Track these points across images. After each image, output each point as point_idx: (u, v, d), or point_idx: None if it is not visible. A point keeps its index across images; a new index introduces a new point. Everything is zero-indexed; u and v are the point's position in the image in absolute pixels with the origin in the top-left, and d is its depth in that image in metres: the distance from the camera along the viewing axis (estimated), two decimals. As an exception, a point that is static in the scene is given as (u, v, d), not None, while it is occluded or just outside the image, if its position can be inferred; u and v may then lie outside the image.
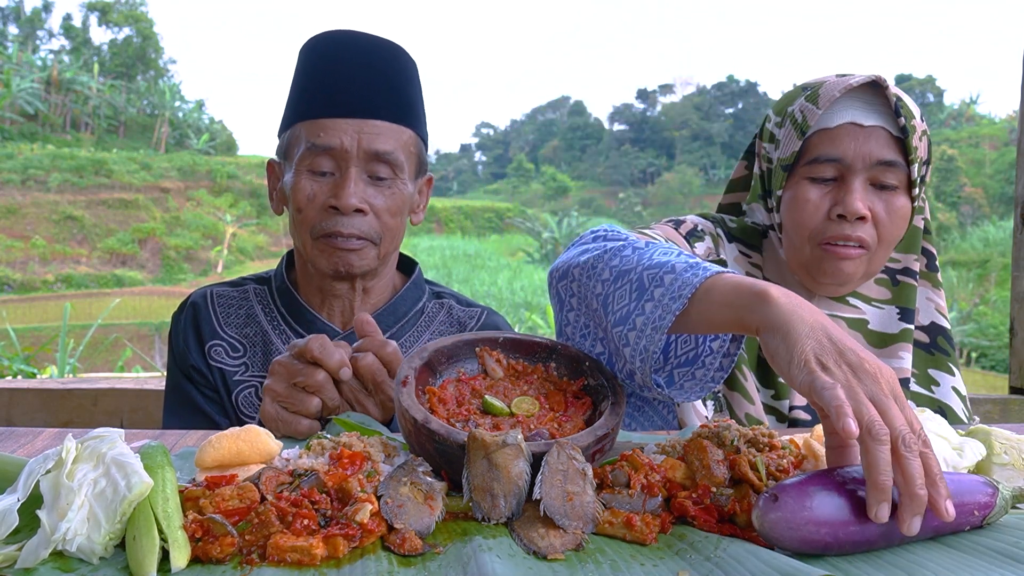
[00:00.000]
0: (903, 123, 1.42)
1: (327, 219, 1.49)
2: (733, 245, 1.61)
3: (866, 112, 1.45)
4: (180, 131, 69.80)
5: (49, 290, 37.45)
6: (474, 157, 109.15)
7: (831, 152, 1.45)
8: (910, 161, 1.43)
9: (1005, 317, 13.45)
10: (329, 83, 1.50)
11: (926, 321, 1.58)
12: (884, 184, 1.45)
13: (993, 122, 74.84)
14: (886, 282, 1.57)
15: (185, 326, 1.63)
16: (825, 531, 0.75)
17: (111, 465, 0.77)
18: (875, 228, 1.46)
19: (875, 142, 1.43)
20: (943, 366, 1.56)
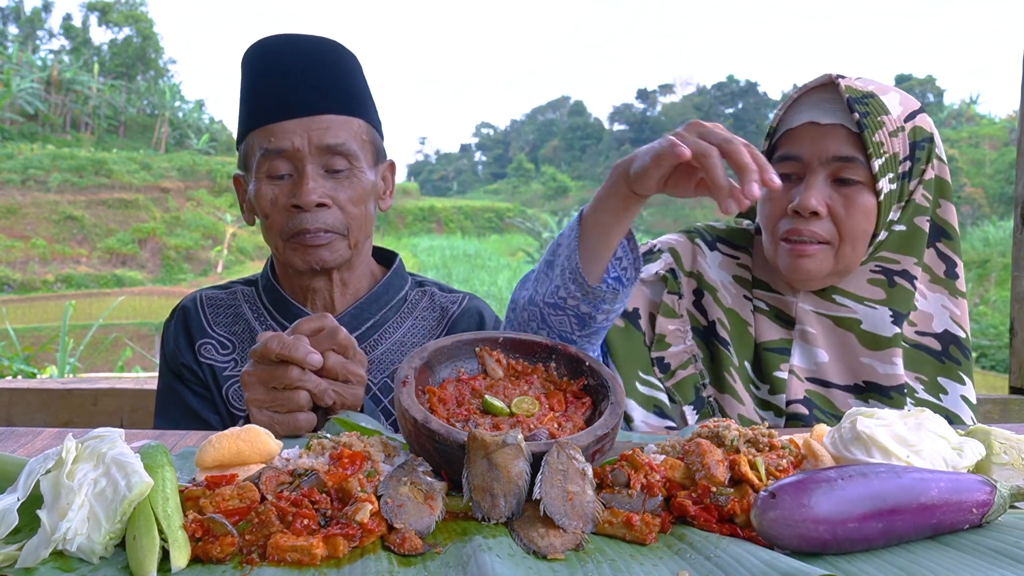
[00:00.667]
0: (858, 119, 1.44)
1: (292, 219, 1.51)
2: (715, 252, 1.63)
3: (825, 111, 1.48)
4: (180, 131, 69.80)
5: (49, 290, 37.45)
6: (474, 157, 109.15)
7: (791, 151, 1.50)
8: (869, 156, 1.44)
9: (1005, 317, 13.46)
10: (272, 88, 1.53)
11: (939, 328, 1.55)
12: (844, 179, 1.47)
13: (993, 122, 74.84)
14: (882, 283, 1.54)
15: (175, 329, 1.67)
16: (823, 529, 0.75)
17: (111, 465, 0.77)
18: (834, 224, 1.48)
19: (832, 139, 1.47)
20: (953, 374, 1.54)
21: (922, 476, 0.81)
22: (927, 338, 1.55)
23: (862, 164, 1.45)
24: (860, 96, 1.47)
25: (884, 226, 1.51)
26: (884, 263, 1.54)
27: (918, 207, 1.54)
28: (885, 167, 1.46)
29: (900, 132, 1.48)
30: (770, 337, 1.57)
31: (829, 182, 1.47)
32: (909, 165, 1.50)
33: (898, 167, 1.48)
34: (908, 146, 1.49)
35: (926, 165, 1.53)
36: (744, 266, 1.63)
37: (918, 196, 1.53)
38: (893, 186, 1.48)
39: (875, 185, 1.45)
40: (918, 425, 0.96)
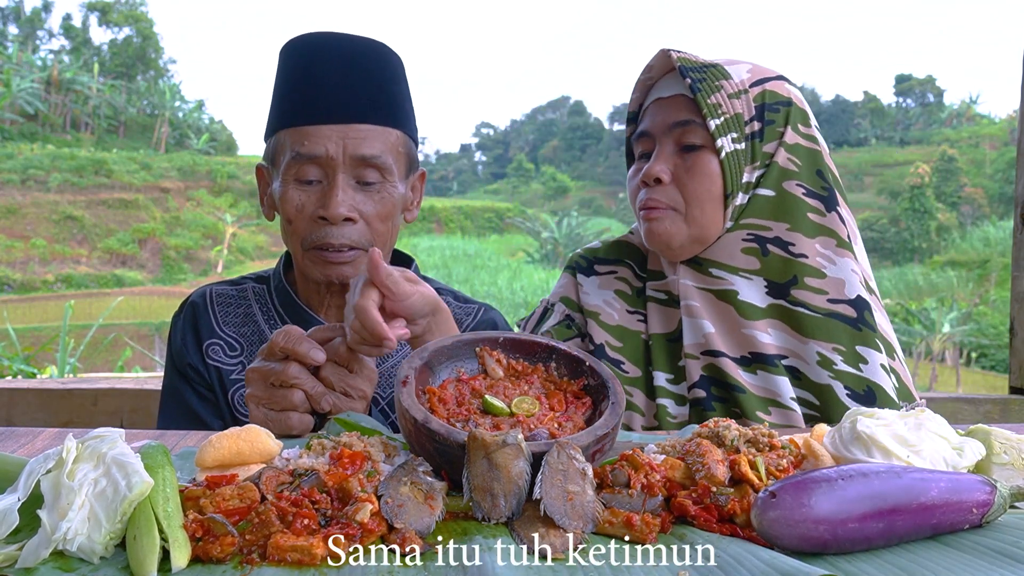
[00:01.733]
0: (690, 83, 1.47)
1: (316, 230, 1.46)
2: (592, 277, 1.67)
3: (668, 86, 1.54)
4: (180, 131, 69.81)
5: (49, 290, 37.46)
6: (474, 157, 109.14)
7: (642, 127, 1.56)
8: (704, 116, 1.46)
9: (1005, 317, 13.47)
10: (310, 88, 1.47)
11: (852, 294, 1.48)
12: (688, 145, 1.50)
13: (993, 122, 74.84)
14: (756, 251, 1.50)
15: (184, 325, 1.63)
16: (824, 528, 0.75)
17: (112, 465, 0.77)
18: (679, 189, 1.50)
19: (673, 108, 1.51)
20: (870, 342, 1.47)
21: (922, 476, 0.81)
22: (840, 305, 1.48)
23: (700, 126, 1.48)
24: (696, 65, 1.51)
25: (739, 188, 1.49)
26: (755, 230, 1.51)
27: (785, 171, 1.50)
28: (724, 127, 1.47)
29: (743, 95, 1.50)
30: (661, 327, 1.58)
31: (676, 151, 1.51)
32: (759, 126, 1.49)
33: (744, 127, 1.49)
34: (755, 108, 1.50)
35: (784, 127, 1.51)
36: (623, 278, 1.66)
37: (781, 159, 1.50)
38: (739, 146, 1.48)
39: (715, 145, 1.47)
40: (918, 425, 0.96)
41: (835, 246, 1.50)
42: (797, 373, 1.48)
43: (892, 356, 1.51)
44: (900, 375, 1.51)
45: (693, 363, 1.51)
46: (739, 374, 1.47)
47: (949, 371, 27.21)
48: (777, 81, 1.53)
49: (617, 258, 1.68)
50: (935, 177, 53.72)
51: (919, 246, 47.13)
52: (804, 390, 1.48)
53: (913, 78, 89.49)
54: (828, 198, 1.51)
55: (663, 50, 1.54)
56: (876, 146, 77.98)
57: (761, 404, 1.46)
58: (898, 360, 1.52)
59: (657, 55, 1.55)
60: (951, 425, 0.99)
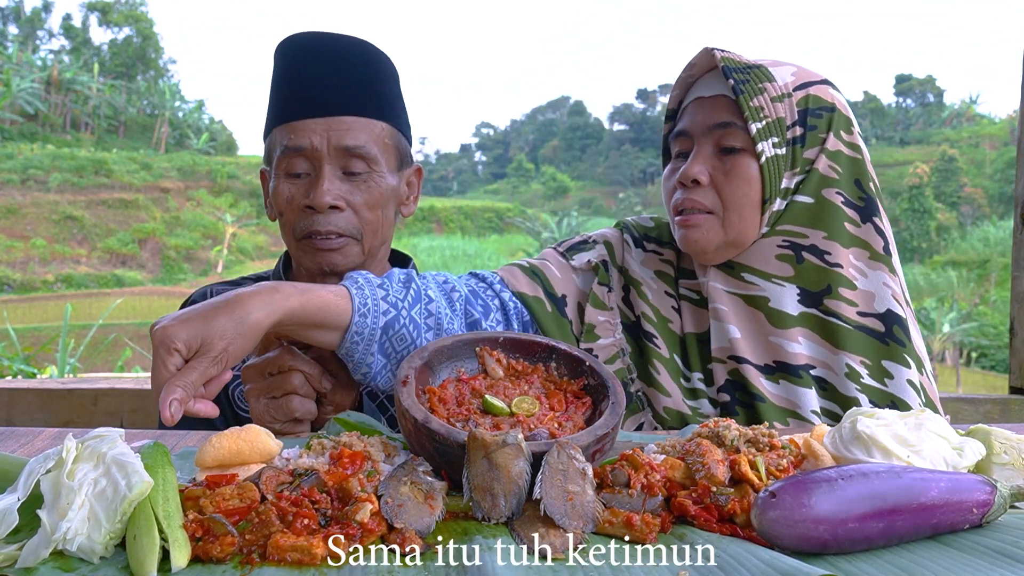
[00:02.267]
0: (732, 84, 1.44)
1: (305, 219, 1.50)
2: (640, 249, 1.63)
3: (710, 85, 1.50)
4: (180, 131, 69.83)
5: (49, 290, 37.47)
6: (474, 157, 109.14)
7: (681, 126, 1.53)
8: (746, 119, 1.44)
9: (1005, 317, 13.48)
10: (297, 85, 1.51)
11: (882, 309, 1.46)
12: (728, 148, 1.46)
13: (993, 122, 74.85)
14: (790, 258, 1.49)
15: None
16: (824, 528, 0.75)
17: (111, 465, 0.77)
18: (717, 192, 1.47)
19: (714, 109, 1.47)
20: (899, 357, 1.45)
21: (922, 476, 0.81)
22: (869, 319, 1.46)
23: (741, 129, 1.45)
24: (739, 66, 1.48)
25: (777, 193, 1.47)
26: (791, 237, 1.49)
27: (825, 178, 1.48)
28: (766, 131, 1.45)
29: (786, 98, 1.47)
30: (694, 327, 1.56)
31: (715, 152, 1.48)
32: (801, 131, 1.47)
33: (785, 132, 1.46)
34: (797, 112, 1.47)
35: (827, 133, 1.49)
36: (668, 261, 1.62)
37: (822, 166, 1.48)
38: (780, 151, 1.46)
39: (756, 149, 1.45)
40: (918, 425, 0.96)
41: (868, 258, 1.48)
42: (824, 384, 1.47)
43: (921, 371, 1.49)
44: (927, 390, 1.49)
45: (719, 367, 1.50)
46: (760, 382, 1.46)
47: (949, 371, 27.21)
48: (821, 85, 1.51)
49: (666, 241, 1.64)
50: (935, 177, 53.74)
51: (919, 246, 47.16)
52: (831, 401, 1.46)
53: (913, 78, 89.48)
54: (865, 208, 1.49)
55: (707, 48, 1.51)
56: (876, 146, 77.98)
57: (780, 415, 1.44)
58: (927, 375, 1.50)
59: (700, 53, 1.52)
60: (951, 425, 0.99)
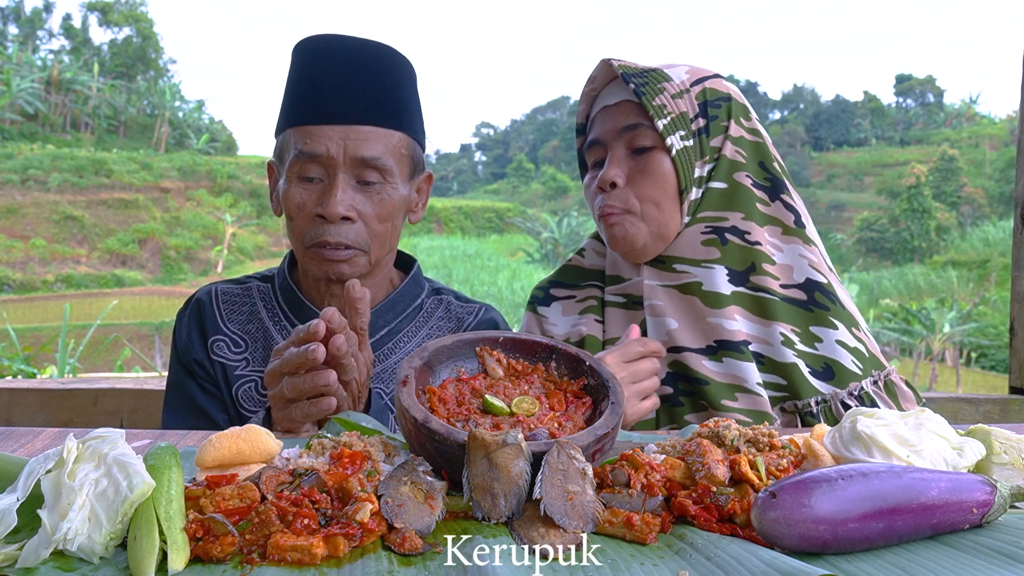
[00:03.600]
0: (634, 88, 1.52)
1: (315, 228, 1.49)
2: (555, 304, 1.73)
3: (612, 94, 1.59)
4: (180, 131, 69.82)
5: (49, 290, 37.46)
6: (474, 157, 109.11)
7: (592, 136, 1.61)
8: (652, 118, 1.52)
9: (1005, 317, 13.48)
10: (316, 89, 1.50)
11: (801, 278, 1.55)
12: (638, 148, 1.54)
13: (993, 122, 74.85)
14: (715, 241, 1.56)
15: (189, 321, 1.65)
16: (824, 528, 0.75)
17: (113, 465, 0.77)
18: (633, 190, 1.55)
19: (620, 114, 1.56)
20: (824, 321, 1.53)
21: (922, 476, 0.81)
22: (791, 290, 1.54)
23: (649, 128, 1.53)
24: (637, 71, 1.56)
25: (692, 183, 1.55)
26: (712, 222, 1.56)
27: (733, 163, 1.57)
28: (672, 126, 1.53)
29: (685, 94, 1.55)
30: (623, 331, 1.60)
31: (628, 154, 1.55)
32: (704, 122, 1.56)
33: (690, 124, 1.55)
34: (698, 105, 1.56)
35: (728, 121, 1.58)
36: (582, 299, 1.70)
37: (728, 152, 1.57)
38: (688, 143, 1.54)
39: (666, 145, 1.52)
40: (918, 425, 0.96)
41: (781, 233, 1.57)
42: (762, 358, 1.53)
43: (856, 328, 1.57)
44: (867, 345, 1.57)
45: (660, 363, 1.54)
46: (703, 365, 1.51)
47: (949, 371, 27.21)
48: (715, 79, 1.60)
49: (573, 282, 1.73)
50: (935, 177, 53.72)
51: (919, 246, 47.15)
52: (770, 373, 1.52)
53: (913, 78, 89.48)
54: (772, 188, 1.59)
55: (604, 60, 1.60)
56: (876, 146, 77.99)
57: (727, 391, 1.49)
58: (863, 331, 1.58)
59: (598, 66, 1.61)
60: (951, 425, 0.99)
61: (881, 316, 29.54)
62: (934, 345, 27.59)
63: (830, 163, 70.34)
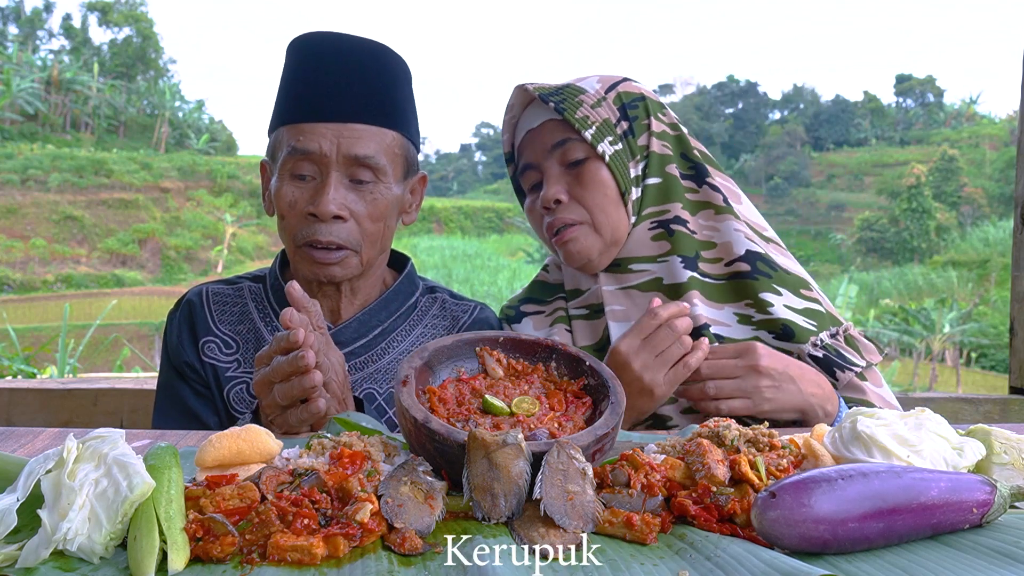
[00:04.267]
0: (553, 106, 1.56)
1: (307, 226, 1.48)
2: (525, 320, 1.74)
3: (533, 117, 1.62)
4: (180, 131, 69.82)
5: (49, 290, 37.46)
6: (474, 157, 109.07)
7: (524, 160, 1.64)
8: (578, 131, 1.55)
9: (1005, 317, 13.48)
10: (310, 87, 1.49)
11: (741, 251, 1.58)
12: (572, 161, 1.57)
13: (993, 122, 74.86)
14: (663, 235, 1.60)
15: (180, 323, 1.64)
16: (824, 528, 0.75)
17: (113, 465, 0.77)
18: (578, 202, 1.57)
19: (546, 134, 1.59)
20: (769, 288, 1.57)
21: (922, 476, 0.81)
22: (736, 263, 1.58)
23: (577, 140, 1.56)
24: (552, 90, 1.59)
25: (630, 183, 1.59)
26: (655, 217, 1.61)
27: (662, 157, 1.61)
28: (599, 133, 1.56)
29: (603, 101, 1.59)
30: (589, 339, 1.65)
31: (563, 171, 1.58)
32: (627, 124, 1.60)
33: (615, 129, 1.58)
34: (617, 109, 1.59)
35: (648, 119, 1.62)
36: (550, 313, 1.72)
37: (656, 147, 1.61)
38: (618, 147, 1.58)
39: (598, 153, 1.55)
40: (918, 425, 0.96)
41: (714, 215, 1.62)
42: (721, 339, 1.56)
43: (806, 289, 1.61)
44: (822, 303, 1.61)
45: None
46: None
47: (949, 371, 27.21)
48: (625, 82, 1.64)
49: (541, 297, 1.76)
50: (935, 177, 53.72)
51: (919, 246, 47.14)
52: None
53: (913, 78, 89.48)
54: (696, 175, 1.63)
55: (518, 87, 1.63)
56: (876, 146, 78.00)
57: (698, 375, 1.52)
58: (815, 291, 1.62)
59: (514, 93, 1.64)
60: (951, 425, 0.99)
61: (881, 316, 29.54)
62: (934, 345, 27.59)
63: (830, 163, 70.33)
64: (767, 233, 1.65)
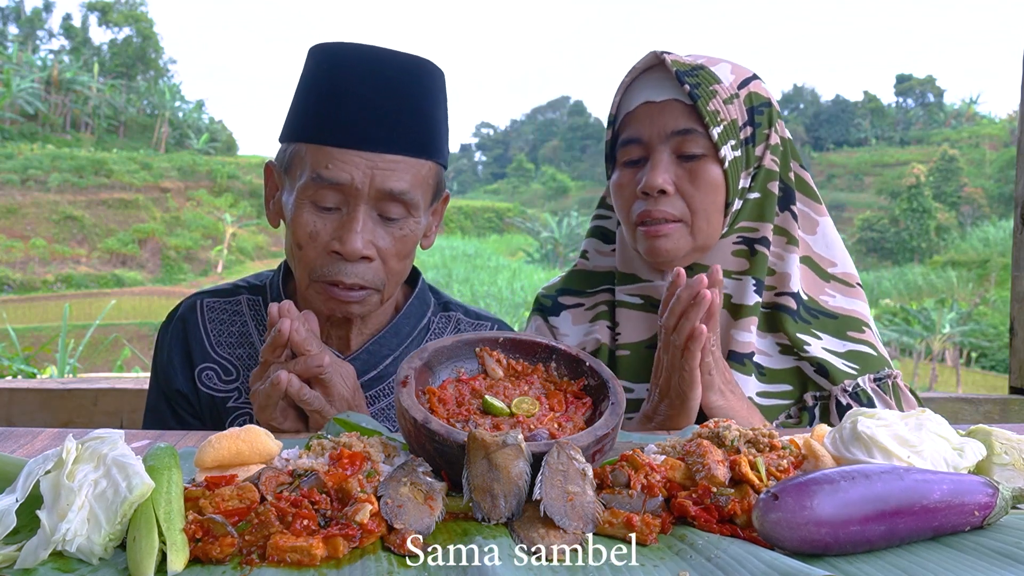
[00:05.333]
0: (688, 90, 1.44)
1: (329, 264, 1.36)
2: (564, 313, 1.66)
3: (658, 89, 1.48)
4: (180, 131, 69.80)
5: (49, 290, 37.45)
6: (474, 157, 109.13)
7: (631, 133, 1.49)
8: (707, 125, 1.44)
9: (1005, 317, 13.47)
10: (339, 106, 1.34)
11: (794, 288, 1.53)
12: (688, 154, 1.46)
13: (993, 122, 74.85)
14: (745, 252, 1.53)
15: (172, 342, 1.53)
16: (825, 531, 0.75)
17: (112, 466, 0.77)
18: (684, 200, 1.46)
19: (668, 114, 1.46)
20: (807, 331, 1.52)
21: (925, 478, 0.81)
22: (784, 297, 1.53)
23: (701, 135, 1.45)
24: (689, 69, 1.46)
25: (736, 195, 1.49)
26: (745, 233, 1.53)
27: (769, 172, 1.53)
28: (725, 134, 1.46)
29: (735, 99, 1.48)
30: (639, 335, 1.57)
31: (674, 159, 1.46)
32: (751, 130, 1.50)
33: (739, 133, 1.48)
34: (746, 111, 1.49)
35: (769, 129, 1.53)
36: (591, 306, 1.65)
37: (767, 162, 1.53)
38: (737, 153, 1.48)
39: (718, 154, 1.45)
40: (919, 425, 0.96)
41: (785, 243, 1.55)
42: (762, 369, 1.52)
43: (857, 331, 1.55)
44: (875, 346, 1.55)
45: None
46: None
47: (949, 371, 27.20)
48: (756, 81, 1.54)
49: (581, 288, 1.67)
50: (935, 177, 53.72)
51: (919, 246, 47.14)
52: (771, 383, 1.51)
53: (913, 78, 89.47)
54: (784, 198, 1.55)
55: (653, 52, 1.51)
56: (876, 146, 77.99)
57: None
58: (868, 333, 1.56)
59: (646, 56, 1.52)
60: (951, 425, 0.99)
61: (881, 316, 29.53)
62: (934, 345, 27.58)
63: (830, 163, 70.31)
64: (832, 270, 1.58)
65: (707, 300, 1.26)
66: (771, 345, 1.52)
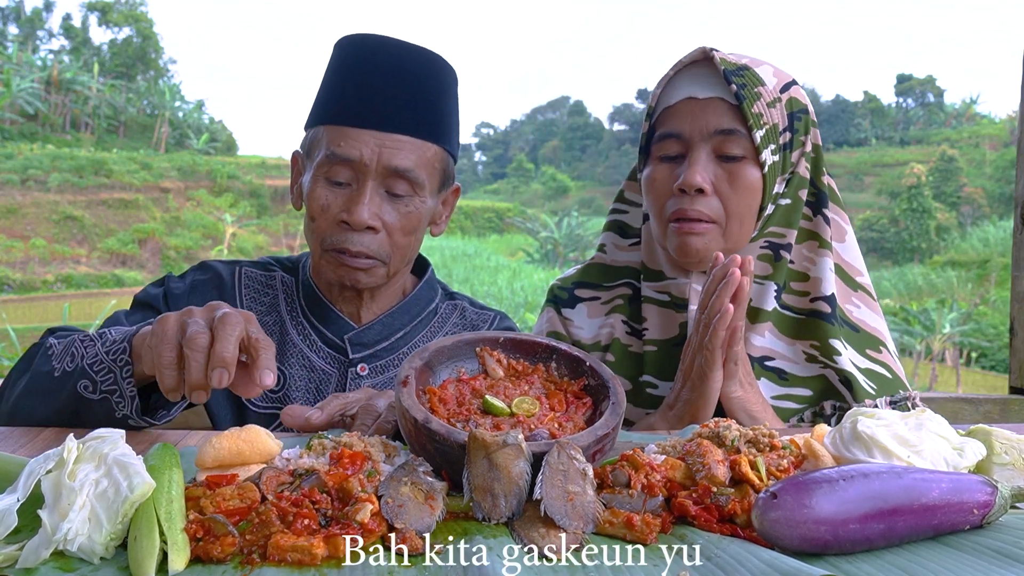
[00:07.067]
0: (735, 90, 1.42)
1: (337, 233, 1.46)
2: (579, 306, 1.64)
3: (703, 85, 1.45)
4: (180, 131, 69.79)
5: (49, 290, 37.45)
6: (474, 157, 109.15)
7: (671, 128, 1.47)
8: (750, 127, 1.42)
9: (1005, 317, 13.48)
10: (355, 89, 1.46)
11: (828, 291, 1.51)
12: (728, 155, 1.44)
13: (993, 122, 74.84)
14: (769, 257, 1.52)
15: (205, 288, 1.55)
16: (825, 529, 0.75)
17: (113, 466, 0.77)
18: (721, 201, 1.44)
19: (712, 113, 1.43)
20: (839, 337, 1.50)
21: (923, 477, 0.81)
22: (819, 302, 1.50)
23: (743, 136, 1.42)
24: (735, 68, 1.44)
25: (771, 199, 1.48)
26: (772, 238, 1.52)
27: (802, 179, 1.52)
28: (767, 138, 1.44)
29: (777, 103, 1.46)
30: (664, 333, 1.56)
31: (713, 159, 1.44)
32: (789, 136, 1.48)
33: (779, 138, 1.46)
34: (786, 117, 1.47)
35: (805, 136, 1.51)
36: (608, 300, 1.64)
37: (801, 168, 1.51)
38: (776, 158, 1.46)
39: (759, 158, 1.43)
40: (919, 425, 0.96)
41: (817, 247, 1.53)
42: (784, 374, 1.50)
43: (874, 350, 1.54)
44: (892, 368, 1.53)
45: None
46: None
47: (949, 371, 27.22)
48: (795, 87, 1.52)
49: (598, 281, 1.66)
50: (935, 177, 53.72)
51: (919, 246, 47.14)
52: (792, 387, 1.50)
53: (913, 78, 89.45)
54: (816, 203, 1.54)
55: (700, 48, 1.48)
56: (876, 146, 77.99)
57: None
58: (886, 353, 1.55)
59: (693, 52, 1.49)
60: (952, 425, 0.99)
61: (881, 316, 29.53)
62: (934, 345, 27.60)
63: (830, 163, 69.34)
64: (860, 279, 1.58)
65: (736, 278, 1.27)
66: (797, 352, 1.50)
